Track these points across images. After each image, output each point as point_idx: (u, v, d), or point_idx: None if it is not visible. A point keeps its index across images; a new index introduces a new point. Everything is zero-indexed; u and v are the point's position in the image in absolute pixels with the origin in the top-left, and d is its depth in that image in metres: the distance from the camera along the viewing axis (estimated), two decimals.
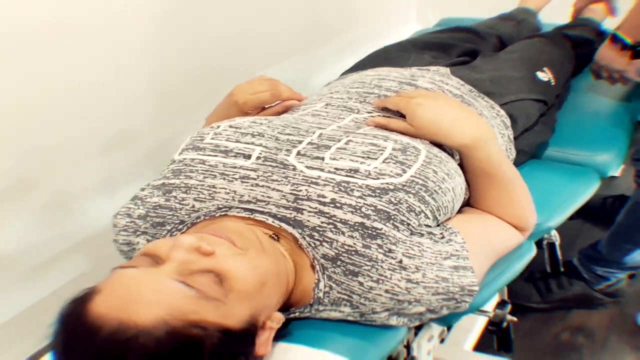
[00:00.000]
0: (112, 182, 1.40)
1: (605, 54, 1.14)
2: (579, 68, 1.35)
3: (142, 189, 0.82)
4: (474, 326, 1.19)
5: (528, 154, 1.10)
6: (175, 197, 0.77)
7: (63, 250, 1.32)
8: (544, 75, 1.15)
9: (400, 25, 2.30)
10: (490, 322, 0.95)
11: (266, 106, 0.99)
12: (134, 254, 0.80)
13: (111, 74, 1.31)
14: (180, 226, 0.76)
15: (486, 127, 0.82)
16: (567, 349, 1.30)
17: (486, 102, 1.02)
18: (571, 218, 1.02)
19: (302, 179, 0.73)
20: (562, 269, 1.39)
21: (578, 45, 1.34)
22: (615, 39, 1.09)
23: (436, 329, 0.87)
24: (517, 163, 1.05)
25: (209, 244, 0.60)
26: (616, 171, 1.13)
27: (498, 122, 1.00)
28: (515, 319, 0.95)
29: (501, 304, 0.93)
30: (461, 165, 0.84)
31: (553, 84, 1.16)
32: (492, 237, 0.80)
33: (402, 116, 0.84)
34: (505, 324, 0.93)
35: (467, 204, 0.87)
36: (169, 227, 0.77)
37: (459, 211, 0.84)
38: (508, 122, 1.03)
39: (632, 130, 1.23)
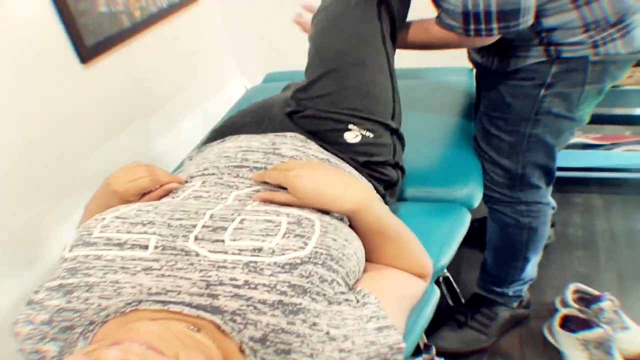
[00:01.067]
0: None
1: None
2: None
3: (36, 292, 0.74)
4: None
5: (395, 201, 1.13)
6: (77, 297, 0.71)
7: None
8: (354, 136, 1.03)
9: (227, 82, 2.38)
10: None
11: (146, 192, 0.94)
12: None
13: None
14: (92, 327, 0.70)
15: (366, 188, 0.84)
16: None
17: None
18: None
19: (209, 264, 0.71)
20: (462, 300, 1.46)
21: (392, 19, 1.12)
22: None
23: None
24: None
25: (136, 355, 0.56)
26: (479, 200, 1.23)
27: (365, 181, 1.03)
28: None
29: (427, 348, 0.95)
30: (352, 227, 0.85)
31: (372, 136, 1.04)
32: (401, 291, 0.83)
33: (283, 188, 0.84)
34: None
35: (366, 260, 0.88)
36: (79, 330, 0.71)
37: None
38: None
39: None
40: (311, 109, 1.07)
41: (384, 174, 1.06)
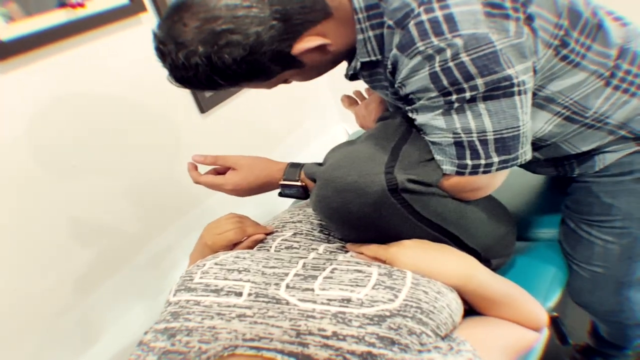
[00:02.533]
0: None
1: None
2: None
3: (145, 333, 0.80)
4: None
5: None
6: (179, 340, 0.75)
7: None
8: None
9: (330, 126, 2.46)
10: None
11: (236, 243, 0.99)
12: None
13: None
14: None
15: (466, 259, 0.83)
16: None
17: None
18: None
19: (298, 313, 0.73)
20: (570, 341, 1.38)
21: None
22: None
23: None
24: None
25: None
26: None
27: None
28: None
29: None
30: None
31: None
32: (503, 339, 0.80)
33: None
34: None
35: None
36: None
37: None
38: None
39: None
40: None
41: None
